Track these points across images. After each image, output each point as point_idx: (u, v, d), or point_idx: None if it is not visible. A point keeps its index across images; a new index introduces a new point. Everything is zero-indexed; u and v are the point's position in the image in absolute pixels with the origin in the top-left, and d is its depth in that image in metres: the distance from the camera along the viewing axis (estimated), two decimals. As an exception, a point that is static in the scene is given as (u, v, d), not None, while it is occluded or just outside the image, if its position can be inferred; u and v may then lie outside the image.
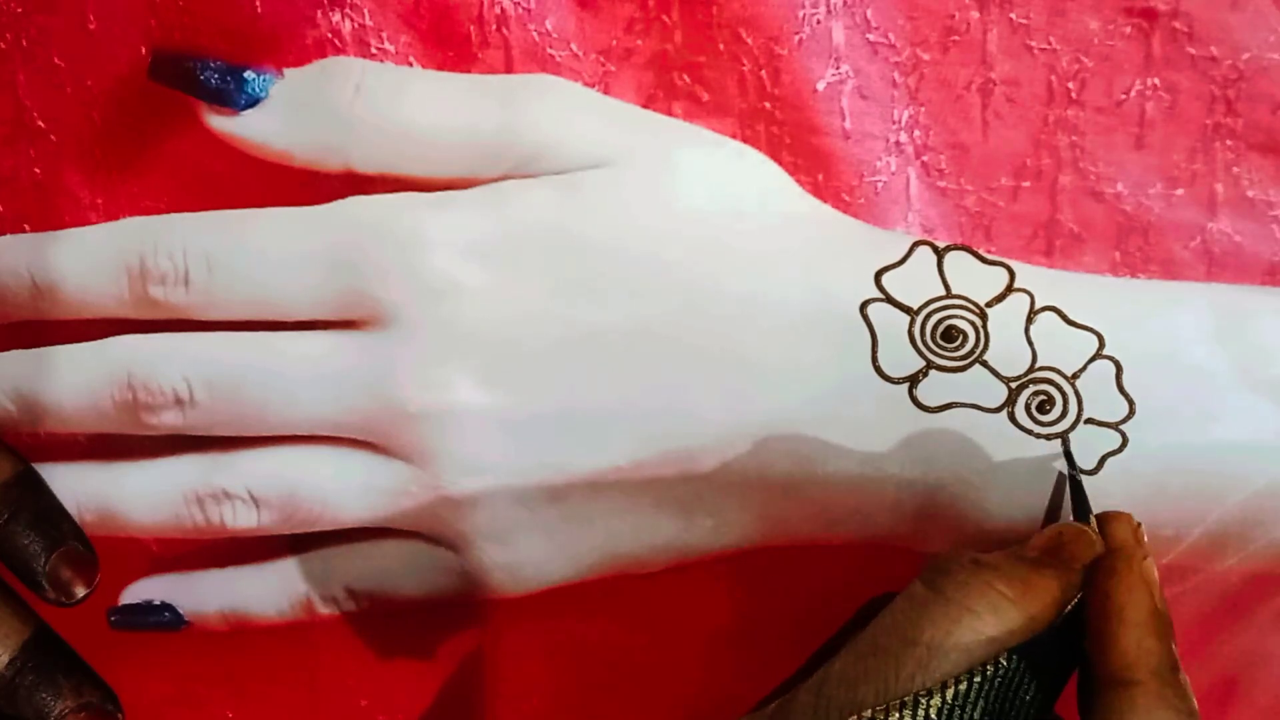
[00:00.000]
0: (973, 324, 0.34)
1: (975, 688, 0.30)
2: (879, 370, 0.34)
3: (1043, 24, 0.38)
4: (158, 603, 0.40)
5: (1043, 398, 0.34)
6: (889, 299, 0.34)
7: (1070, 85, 0.39)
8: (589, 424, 0.37)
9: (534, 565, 0.38)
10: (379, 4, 0.37)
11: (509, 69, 0.37)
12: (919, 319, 0.34)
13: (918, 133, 0.39)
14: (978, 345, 0.34)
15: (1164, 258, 0.40)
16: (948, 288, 0.34)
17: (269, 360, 0.37)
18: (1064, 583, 0.32)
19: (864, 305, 0.34)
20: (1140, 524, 0.34)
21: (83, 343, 0.38)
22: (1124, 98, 0.39)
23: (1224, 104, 0.39)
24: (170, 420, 0.37)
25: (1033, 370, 0.34)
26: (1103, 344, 0.34)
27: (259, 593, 0.39)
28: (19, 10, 0.38)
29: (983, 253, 0.34)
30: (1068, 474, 0.35)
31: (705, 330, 0.36)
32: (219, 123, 0.37)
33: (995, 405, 0.34)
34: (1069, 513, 0.35)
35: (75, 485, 0.38)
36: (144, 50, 0.37)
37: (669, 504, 0.37)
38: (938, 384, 0.34)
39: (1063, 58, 0.39)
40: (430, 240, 0.36)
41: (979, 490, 0.37)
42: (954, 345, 0.34)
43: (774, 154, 0.38)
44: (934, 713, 0.30)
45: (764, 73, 0.38)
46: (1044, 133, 0.39)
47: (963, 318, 0.34)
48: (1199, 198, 0.40)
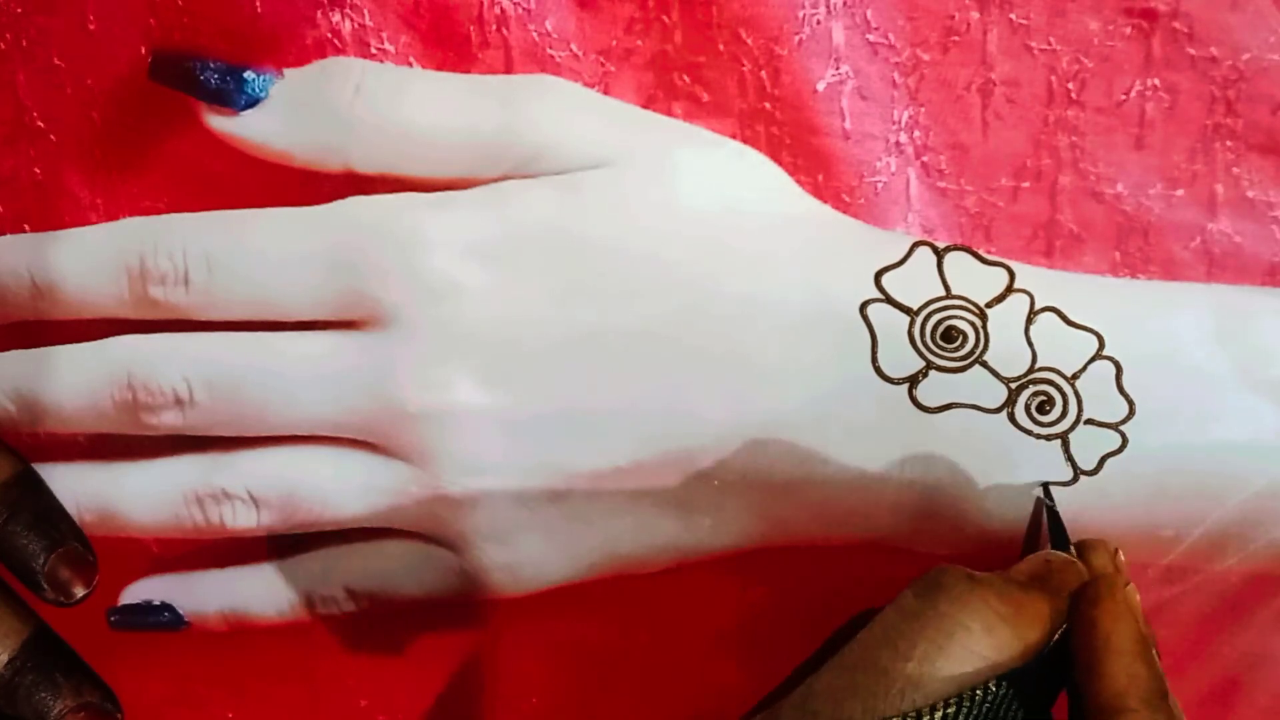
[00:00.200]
0: (973, 324, 0.34)
1: (964, 712, 0.30)
2: (879, 370, 0.34)
3: (1043, 24, 0.38)
4: (158, 603, 0.40)
5: (1043, 398, 0.34)
6: (889, 299, 0.34)
7: (1070, 86, 0.39)
8: (589, 424, 0.37)
9: (534, 565, 0.38)
10: (379, 4, 0.37)
11: (509, 69, 0.37)
12: (919, 319, 0.34)
13: (918, 133, 0.39)
14: (978, 346, 0.34)
15: (1164, 258, 0.40)
16: (948, 288, 0.34)
17: (269, 360, 0.37)
18: (1053, 609, 0.32)
19: (864, 305, 0.34)
20: (1119, 550, 0.34)
21: (83, 343, 0.38)
22: (1124, 98, 0.39)
23: (1224, 104, 0.39)
24: (170, 420, 0.37)
25: (1033, 371, 0.34)
26: (1103, 344, 0.34)
27: (259, 593, 0.39)
28: (19, 10, 0.38)
29: (983, 253, 0.34)
30: (1045, 505, 0.35)
31: (705, 330, 0.36)
32: (219, 123, 0.37)
33: (995, 406, 0.34)
34: (1047, 536, 0.35)
35: (75, 485, 0.38)
36: (144, 50, 0.37)
37: (669, 504, 0.37)
38: (938, 384, 0.34)
39: (1063, 58, 0.39)
40: (430, 240, 0.36)
41: (979, 490, 0.37)
42: (954, 346, 0.34)
43: (774, 154, 0.38)
44: None
45: (764, 73, 0.38)
46: (1044, 133, 0.39)
47: (963, 318, 0.34)
48: (1199, 198, 0.40)
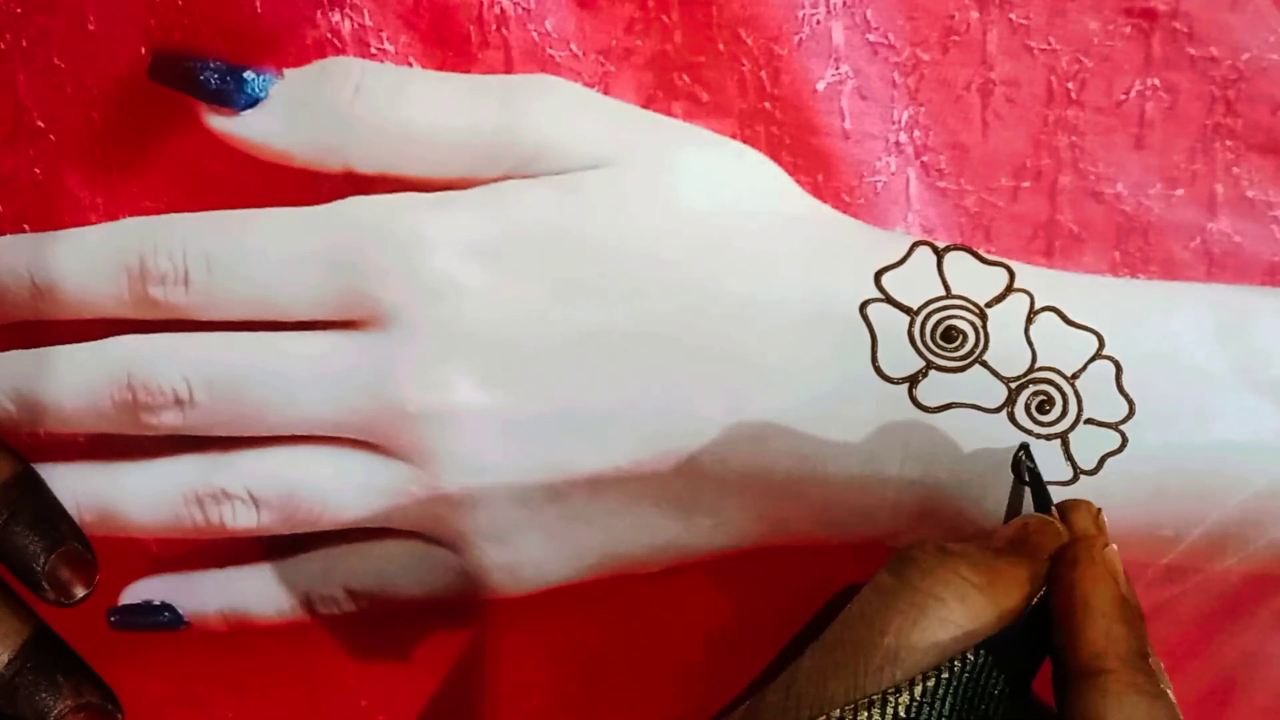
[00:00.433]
0: (972, 324, 0.34)
1: (944, 683, 0.30)
2: (879, 370, 0.34)
3: (1043, 24, 0.38)
4: (158, 603, 0.40)
5: (1042, 398, 0.34)
6: (889, 299, 0.34)
7: (1070, 85, 0.39)
8: (589, 424, 0.37)
9: (534, 565, 0.38)
10: (379, 4, 0.37)
11: (509, 69, 0.37)
12: (919, 319, 0.34)
13: (917, 133, 0.39)
14: (977, 345, 0.34)
15: (1164, 258, 0.40)
16: (947, 288, 0.34)
17: (269, 360, 0.37)
18: (1031, 573, 0.32)
19: (864, 305, 0.34)
20: (1100, 510, 0.33)
21: (83, 343, 0.38)
22: (1124, 98, 0.39)
23: (1224, 104, 0.39)
24: (170, 420, 0.37)
25: (1032, 370, 0.34)
26: (1102, 344, 0.34)
27: (259, 593, 0.39)
28: (19, 10, 0.38)
29: (982, 253, 0.34)
30: (1026, 466, 0.35)
31: (705, 330, 0.36)
32: (219, 123, 0.37)
33: (995, 405, 0.34)
34: (1030, 505, 0.35)
35: (75, 485, 0.38)
36: (144, 50, 0.37)
37: (669, 504, 0.37)
38: (937, 384, 0.34)
39: (1063, 58, 0.39)
40: (430, 240, 0.36)
41: (979, 490, 0.37)
42: (954, 345, 0.34)
43: (774, 154, 0.38)
44: (903, 710, 0.30)
45: (764, 73, 0.38)
46: (1044, 133, 0.39)
47: (962, 318, 0.34)
48: (1199, 198, 0.40)
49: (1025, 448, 0.35)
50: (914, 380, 0.34)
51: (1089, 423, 0.34)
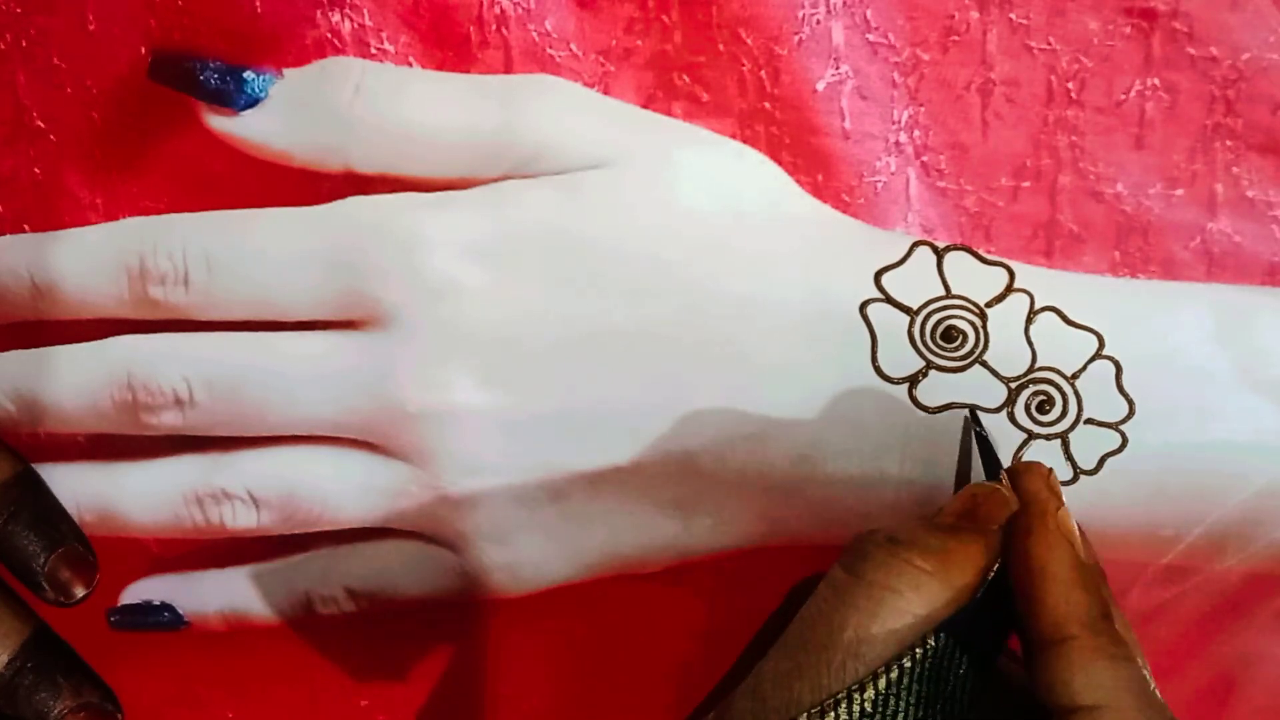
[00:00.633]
0: (972, 324, 0.34)
1: (907, 672, 0.30)
2: (879, 370, 0.34)
3: (1043, 24, 0.38)
4: (158, 603, 0.40)
5: (1042, 398, 0.34)
6: (889, 299, 0.34)
7: (1070, 85, 0.39)
8: (589, 424, 0.37)
9: (534, 565, 0.38)
10: (379, 4, 0.37)
11: (509, 69, 0.37)
12: (919, 319, 0.34)
13: (917, 133, 0.39)
14: (977, 345, 0.34)
15: (1164, 258, 0.40)
16: (947, 288, 0.34)
17: (269, 360, 0.37)
18: (984, 547, 0.31)
19: (864, 305, 0.34)
20: (1052, 470, 0.33)
21: (83, 343, 0.38)
22: (1124, 98, 0.39)
23: (1224, 104, 0.39)
24: (170, 420, 0.37)
25: (1032, 370, 0.34)
26: (1102, 344, 0.34)
27: (259, 593, 0.39)
28: (19, 10, 0.38)
29: (982, 253, 0.34)
30: (974, 431, 0.34)
31: (705, 330, 0.36)
32: (219, 123, 0.37)
33: (995, 405, 0.34)
34: (980, 473, 0.35)
35: (75, 485, 0.38)
36: (144, 50, 0.37)
37: (669, 504, 0.37)
38: (938, 384, 0.34)
39: (1063, 58, 0.39)
40: (430, 240, 0.36)
41: (979, 490, 0.37)
42: (954, 345, 0.34)
43: (774, 154, 0.38)
44: (868, 705, 0.30)
45: (764, 73, 0.38)
46: (1044, 133, 0.39)
47: (962, 318, 0.34)
48: (1199, 198, 0.40)
49: (973, 411, 0.34)
50: (914, 380, 0.34)
51: (1089, 423, 0.34)
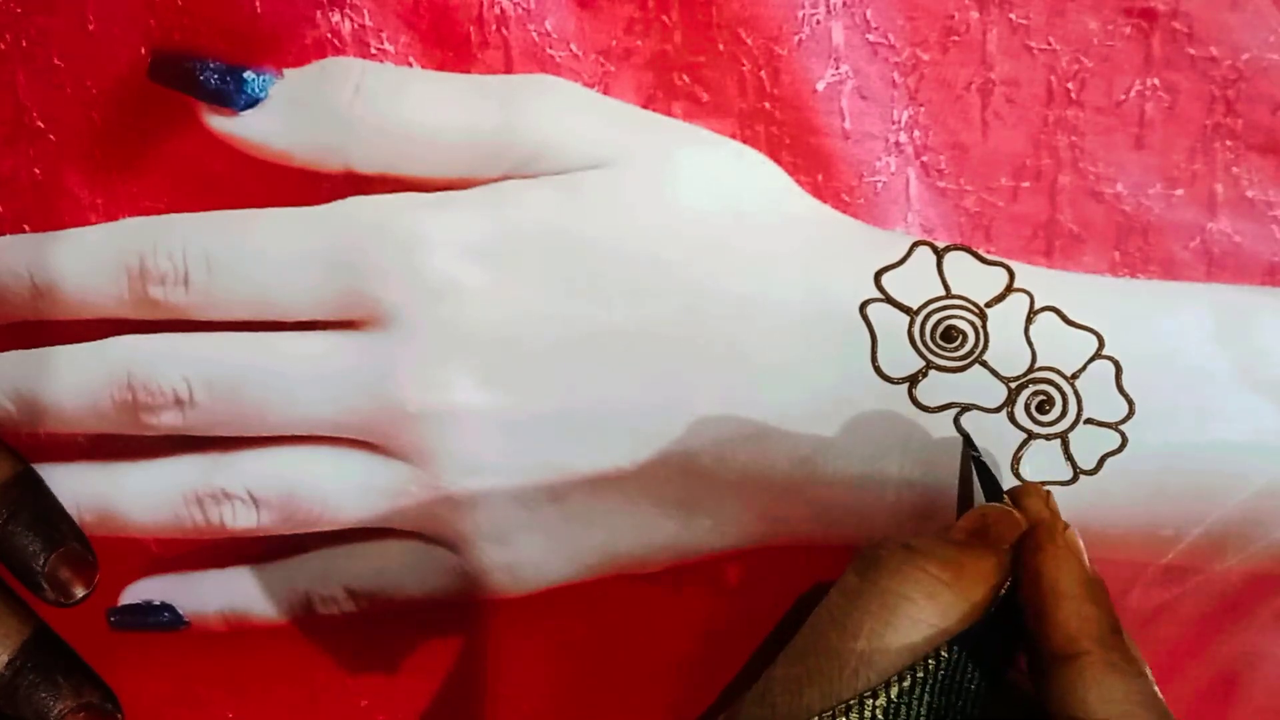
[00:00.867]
0: (972, 324, 0.34)
1: (919, 683, 0.30)
2: (879, 370, 0.34)
3: (1042, 24, 0.38)
4: (158, 603, 0.40)
5: (1042, 398, 0.34)
6: (889, 299, 0.34)
7: (1070, 85, 0.39)
8: (589, 424, 0.37)
9: (534, 565, 0.38)
10: (379, 4, 0.37)
11: (509, 69, 0.37)
12: (919, 319, 0.34)
13: (917, 133, 0.39)
14: (977, 345, 0.34)
15: (1164, 258, 0.40)
16: (947, 288, 0.34)
17: (269, 360, 0.37)
18: (996, 564, 0.31)
19: (864, 305, 0.34)
20: (1050, 493, 0.33)
21: (83, 343, 0.38)
22: (1124, 98, 0.39)
23: (1224, 104, 0.39)
24: (170, 420, 0.37)
25: (1032, 370, 0.34)
26: (1102, 344, 0.34)
27: (259, 593, 0.39)
28: (19, 10, 0.38)
29: (982, 253, 0.34)
30: (971, 456, 0.35)
31: (705, 330, 0.36)
32: (219, 123, 0.37)
33: (995, 405, 0.34)
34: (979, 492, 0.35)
35: (75, 485, 0.38)
36: (144, 50, 0.37)
37: (669, 504, 0.37)
38: (937, 384, 0.34)
39: (1062, 58, 0.39)
40: (430, 240, 0.36)
41: (978, 491, 0.36)
42: (954, 345, 0.34)
43: (774, 154, 0.38)
44: (879, 713, 0.30)
45: (764, 73, 0.38)
46: (1044, 133, 0.39)
47: (962, 318, 0.34)
48: (1199, 198, 0.40)
49: (967, 438, 0.34)
50: (914, 380, 0.34)
51: (1089, 423, 0.34)
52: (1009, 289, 0.34)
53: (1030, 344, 0.34)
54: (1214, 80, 0.39)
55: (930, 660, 0.30)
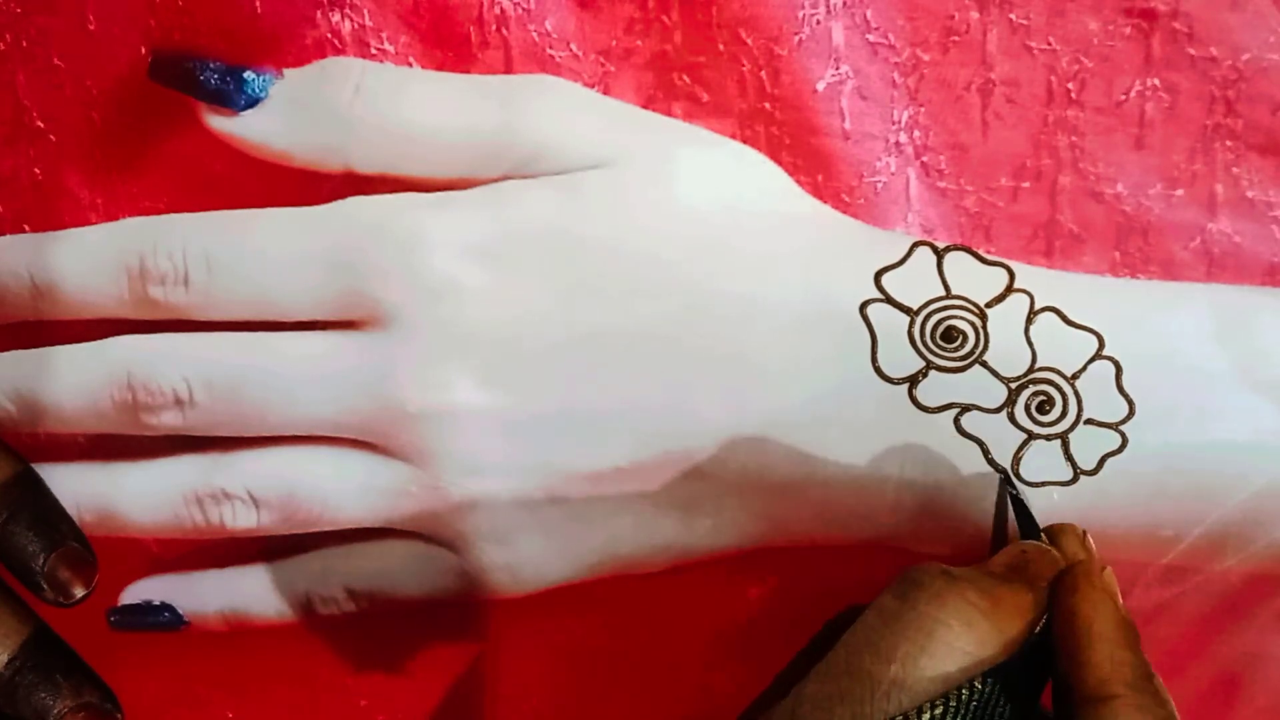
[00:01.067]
0: (972, 324, 0.34)
1: (951, 711, 0.30)
2: (879, 371, 0.34)
3: (1043, 24, 0.38)
4: (157, 603, 0.40)
5: (1042, 398, 0.34)
6: (889, 299, 0.34)
7: (1070, 86, 0.39)
8: (589, 424, 0.37)
9: (534, 565, 0.38)
10: (379, 4, 0.37)
11: (509, 69, 0.37)
12: (919, 319, 0.34)
13: (917, 133, 0.39)
14: (977, 346, 0.34)
15: (1164, 258, 0.40)
16: (947, 288, 0.34)
17: (268, 360, 0.37)
18: (1033, 600, 0.32)
19: (864, 306, 0.34)
20: (1086, 533, 0.34)
21: (82, 343, 0.38)
22: (1124, 98, 0.39)
23: (1224, 105, 0.39)
24: (170, 421, 0.37)
25: (1032, 371, 0.34)
26: (1102, 344, 0.34)
27: (259, 593, 0.39)
28: (19, 10, 0.38)
29: (982, 253, 0.34)
30: (1009, 494, 0.35)
31: (705, 331, 0.36)
32: (219, 123, 0.37)
33: (995, 406, 0.34)
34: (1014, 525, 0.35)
35: (75, 485, 0.38)
36: (144, 50, 0.37)
37: (669, 504, 0.37)
38: (938, 384, 0.34)
39: (1063, 58, 0.39)
40: (430, 240, 0.36)
41: (978, 490, 0.37)
42: (954, 346, 0.34)
43: (774, 154, 0.38)
44: None
45: (764, 73, 0.38)
46: (1044, 133, 0.39)
47: (962, 318, 0.34)
48: (1199, 198, 0.40)
49: (1007, 475, 0.35)
50: (914, 380, 0.34)
51: (1089, 423, 0.34)
52: (1009, 289, 0.34)
53: (1030, 344, 0.34)
54: (1214, 80, 0.39)
55: (964, 690, 0.30)
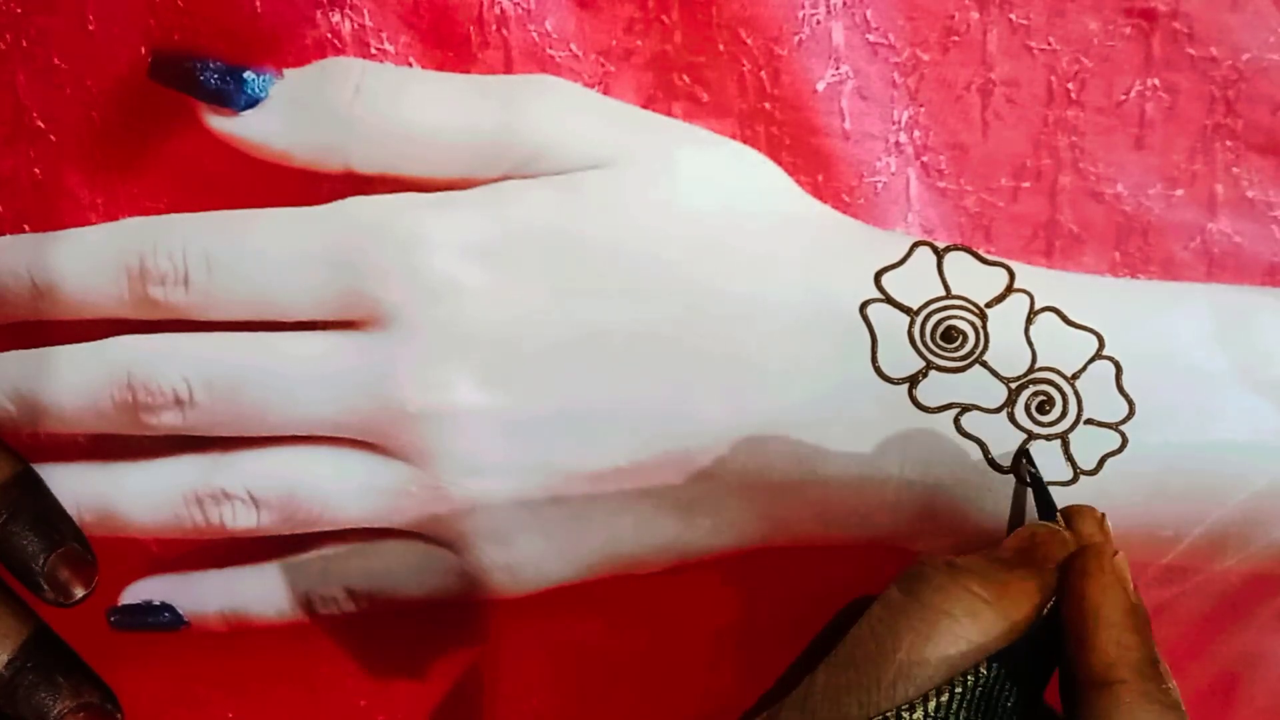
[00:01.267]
0: (972, 324, 0.34)
1: (957, 698, 0.30)
2: (879, 371, 0.34)
3: (1043, 24, 0.38)
4: (157, 603, 0.40)
5: (1042, 398, 0.34)
6: (889, 299, 0.34)
7: (1070, 86, 0.39)
8: (589, 424, 0.37)
9: (534, 565, 0.38)
10: (379, 4, 0.37)
11: (509, 69, 0.37)
12: (919, 319, 0.34)
13: (918, 133, 0.39)
14: (977, 346, 0.34)
15: (1164, 258, 0.40)
16: (947, 288, 0.34)
17: (269, 360, 0.37)
18: (1040, 584, 0.32)
19: (864, 306, 0.34)
20: (1104, 516, 0.33)
21: (83, 343, 0.38)
22: (1124, 98, 0.39)
23: (1224, 104, 0.39)
24: (170, 420, 0.37)
25: (1032, 371, 0.34)
26: (1102, 344, 0.34)
27: (259, 593, 0.39)
28: (19, 10, 0.38)
29: (982, 253, 0.34)
30: (1027, 470, 0.35)
31: (705, 331, 0.36)
32: (219, 123, 0.37)
33: (995, 406, 0.34)
34: (1033, 510, 0.35)
35: (75, 485, 0.38)
36: (144, 50, 0.37)
37: (669, 504, 0.37)
38: (938, 384, 0.34)
39: (1063, 58, 0.39)
40: (430, 240, 0.36)
41: (978, 491, 0.37)
42: (954, 346, 0.34)
43: (774, 154, 0.38)
44: None
45: (764, 73, 0.38)
46: (1044, 133, 0.39)
47: (962, 318, 0.34)
48: (1199, 198, 0.40)
49: (1026, 452, 0.34)
50: (914, 380, 0.34)
51: (1089, 423, 0.34)
52: (1009, 289, 0.34)
53: (1030, 344, 0.34)
54: (1214, 80, 0.39)
55: (969, 676, 0.30)
